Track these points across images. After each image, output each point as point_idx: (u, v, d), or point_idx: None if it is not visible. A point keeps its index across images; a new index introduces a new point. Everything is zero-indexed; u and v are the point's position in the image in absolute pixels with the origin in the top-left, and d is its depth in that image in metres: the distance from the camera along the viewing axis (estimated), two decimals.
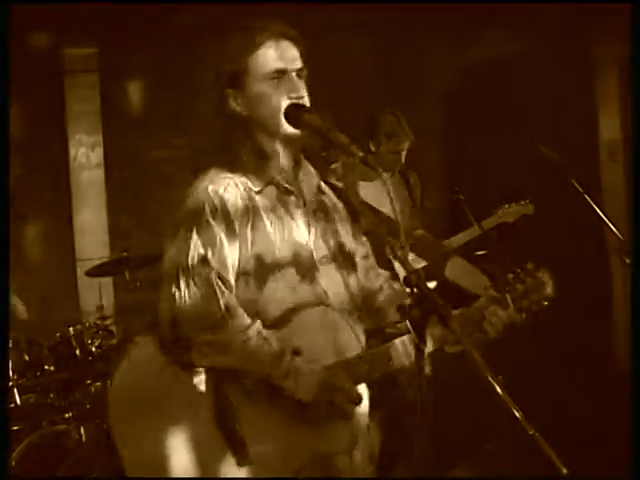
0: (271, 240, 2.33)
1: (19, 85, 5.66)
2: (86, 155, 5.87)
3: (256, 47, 2.35)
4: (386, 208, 3.23)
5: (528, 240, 5.10)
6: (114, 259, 4.88)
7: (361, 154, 2.18)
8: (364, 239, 2.57)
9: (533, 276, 2.39)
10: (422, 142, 4.84)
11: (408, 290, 1.92)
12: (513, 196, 5.09)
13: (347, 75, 5.66)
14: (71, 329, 4.39)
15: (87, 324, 4.54)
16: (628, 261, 3.83)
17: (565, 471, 1.77)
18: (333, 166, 2.34)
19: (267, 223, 2.34)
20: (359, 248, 2.56)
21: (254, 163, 2.37)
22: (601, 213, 3.97)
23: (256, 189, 2.36)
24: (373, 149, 4.61)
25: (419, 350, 1.91)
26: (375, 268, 2.60)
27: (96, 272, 4.88)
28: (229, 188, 2.33)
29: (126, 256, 4.62)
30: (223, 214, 2.30)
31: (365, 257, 2.57)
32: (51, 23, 5.70)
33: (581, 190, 4.05)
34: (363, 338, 2.43)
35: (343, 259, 2.47)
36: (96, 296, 5.41)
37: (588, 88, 6.09)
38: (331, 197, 2.53)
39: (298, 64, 2.37)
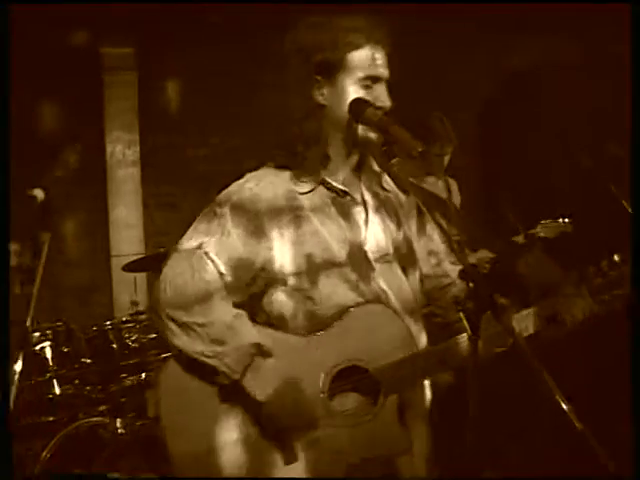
0: (321, 240, 2.31)
1: (58, 83, 5.77)
2: (123, 152, 5.93)
3: (358, 46, 2.29)
4: None
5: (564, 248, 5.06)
6: (151, 255, 4.90)
7: (421, 148, 2.15)
8: (433, 234, 2.53)
9: (618, 269, 2.32)
10: (462, 148, 4.84)
11: (465, 283, 1.91)
12: (553, 209, 5.02)
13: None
14: (108, 322, 4.44)
15: (123, 318, 4.57)
16: None
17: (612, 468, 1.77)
18: (393, 161, 2.29)
19: (316, 223, 2.32)
20: (427, 243, 2.52)
21: (309, 162, 2.34)
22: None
23: (303, 190, 2.34)
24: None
25: (473, 343, 1.91)
26: (445, 262, 2.54)
27: (133, 267, 4.91)
28: (267, 186, 2.33)
29: (163, 252, 4.63)
30: (249, 210, 2.29)
31: (433, 252, 2.53)
32: (90, 22, 5.78)
33: (619, 196, 4.04)
34: (423, 337, 2.41)
35: (406, 256, 2.44)
36: (129, 291, 5.47)
37: (621, 95, 6.06)
38: (395, 193, 2.49)
39: (387, 73, 2.34)
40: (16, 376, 1.81)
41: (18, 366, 1.83)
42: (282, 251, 2.29)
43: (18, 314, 4.44)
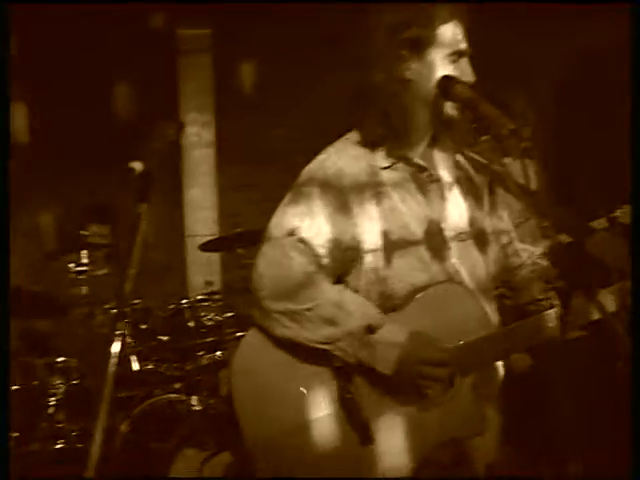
0: (400, 217, 2.27)
1: (133, 65, 5.84)
2: (198, 134, 5.97)
3: (445, 20, 2.26)
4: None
5: None
6: (227, 235, 4.92)
7: (512, 127, 2.13)
8: (503, 214, 2.50)
9: None
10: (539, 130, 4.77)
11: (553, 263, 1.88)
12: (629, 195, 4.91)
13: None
14: (185, 301, 4.49)
15: (199, 297, 4.62)
16: None
17: None
18: (483, 138, 2.26)
19: (396, 199, 2.28)
20: (497, 223, 2.49)
21: (389, 137, 2.30)
22: None
23: (384, 165, 2.30)
24: None
25: (564, 322, 1.88)
26: (515, 243, 2.52)
27: (209, 247, 4.96)
28: (350, 161, 2.28)
29: (240, 232, 4.66)
30: (335, 187, 2.25)
31: (503, 232, 2.50)
32: (166, 4, 5.82)
33: None
34: (495, 316, 2.37)
35: (480, 234, 2.40)
36: (202, 272, 5.54)
37: None
38: (468, 171, 2.45)
39: (468, 48, 2.31)
40: (113, 357, 1.82)
41: (116, 347, 1.84)
42: (362, 229, 2.26)
43: (102, 293, 4.54)
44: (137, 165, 1.90)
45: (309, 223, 2.25)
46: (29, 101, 5.94)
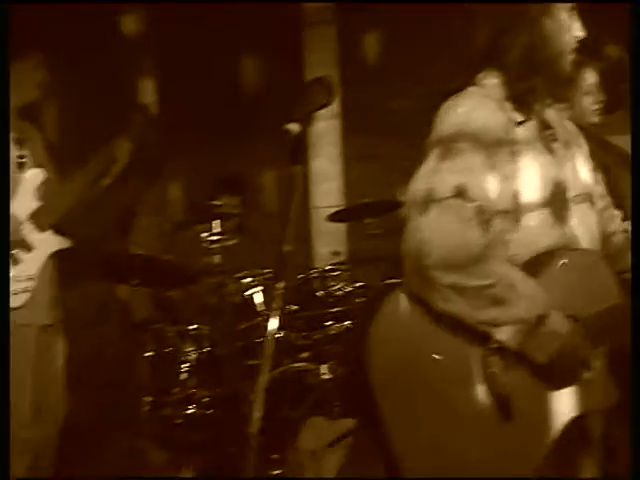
0: (530, 177, 2.18)
1: (259, 37, 5.90)
2: None
3: None
4: None
5: None
6: (354, 205, 4.92)
7: None
8: (600, 180, 2.47)
9: None
10: None
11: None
12: None
13: None
14: (313, 270, 4.52)
15: (327, 267, 4.64)
16: None
17: None
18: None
19: (527, 158, 2.19)
20: (597, 187, 2.45)
21: (520, 91, 2.24)
22: None
23: (519, 120, 2.21)
24: None
25: None
26: (610, 209, 2.48)
27: (337, 218, 4.97)
28: (489, 115, 2.16)
29: (368, 202, 4.65)
30: (482, 141, 2.11)
31: (601, 197, 2.46)
32: None
33: None
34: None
35: (590, 197, 2.35)
36: (328, 243, 5.56)
37: None
38: (574, 134, 2.42)
39: None
40: (273, 330, 1.84)
41: (274, 323, 1.86)
42: (497, 189, 2.14)
43: (233, 262, 4.61)
44: (294, 127, 1.93)
45: (474, 182, 2.09)
46: (158, 76, 6.07)
